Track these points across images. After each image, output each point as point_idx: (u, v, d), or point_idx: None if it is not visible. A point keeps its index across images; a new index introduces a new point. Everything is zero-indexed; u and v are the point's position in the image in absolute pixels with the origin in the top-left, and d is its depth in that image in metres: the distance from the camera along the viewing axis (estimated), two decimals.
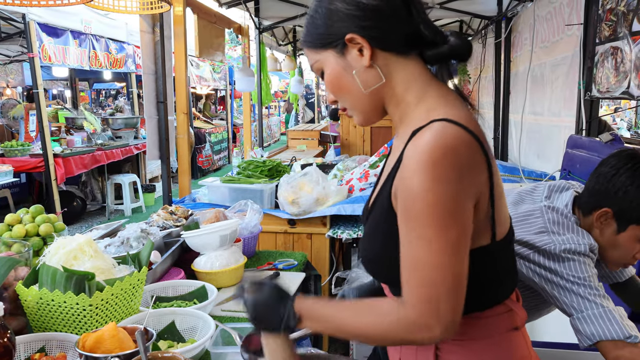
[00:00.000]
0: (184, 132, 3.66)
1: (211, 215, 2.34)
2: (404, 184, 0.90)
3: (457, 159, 0.86)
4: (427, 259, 0.87)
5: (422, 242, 0.88)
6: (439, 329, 0.88)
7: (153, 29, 3.09)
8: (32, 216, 1.88)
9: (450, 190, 0.86)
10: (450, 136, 0.87)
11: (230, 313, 1.81)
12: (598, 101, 2.72)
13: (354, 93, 1.00)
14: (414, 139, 0.90)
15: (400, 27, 0.96)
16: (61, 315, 1.41)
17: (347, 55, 0.98)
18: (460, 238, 0.88)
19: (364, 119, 1.04)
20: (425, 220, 0.87)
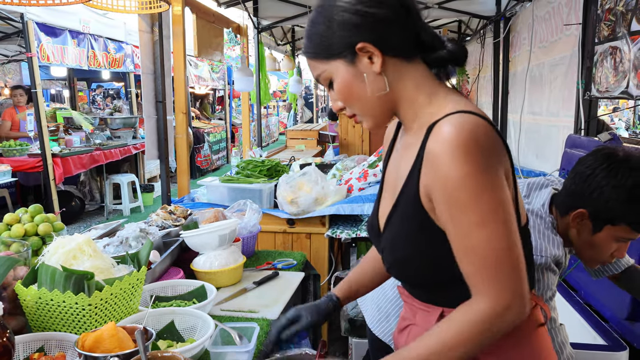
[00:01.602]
0: (182, 132, 3.65)
1: (210, 215, 2.34)
2: (439, 178, 0.91)
3: (482, 142, 0.89)
4: (486, 244, 0.90)
5: (477, 229, 0.89)
6: (518, 306, 0.90)
7: (152, 28, 3.09)
8: (31, 216, 1.88)
9: (486, 172, 0.89)
10: (469, 124, 0.90)
11: (230, 313, 1.81)
12: (597, 101, 2.72)
13: (365, 99, 1.02)
14: (433, 133, 0.93)
15: (405, 34, 1.00)
16: (60, 314, 1.40)
17: (357, 64, 1.00)
18: (508, 215, 0.91)
19: (375, 123, 1.07)
20: (474, 206, 0.89)
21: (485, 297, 0.91)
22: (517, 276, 0.91)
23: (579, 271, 2.20)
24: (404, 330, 1.21)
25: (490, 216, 0.89)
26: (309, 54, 1.06)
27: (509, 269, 0.90)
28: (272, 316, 1.78)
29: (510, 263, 0.90)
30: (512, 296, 0.90)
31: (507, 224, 0.90)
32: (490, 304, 0.91)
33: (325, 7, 1.02)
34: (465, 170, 0.88)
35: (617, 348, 1.79)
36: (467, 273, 0.93)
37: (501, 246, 0.89)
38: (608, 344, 1.82)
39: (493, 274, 0.90)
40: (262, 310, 1.82)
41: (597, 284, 2.12)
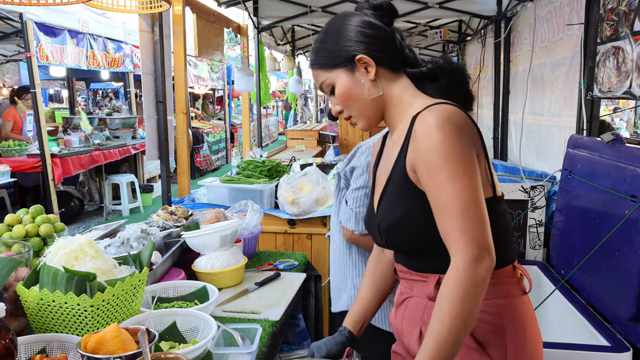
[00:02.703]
0: (183, 132, 3.64)
1: (211, 216, 2.33)
2: (419, 149, 1.10)
3: (457, 121, 1.09)
4: (456, 198, 1.05)
5: (448, 185, 1.05)
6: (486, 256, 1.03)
7: (152, 28, 3.07)
8: (32, 216, 1.86)
9: (457, 141, 1.07)
10: (447, 109, 1.12)
11: (232, 314, 1.80)
12: (599, 101, 2.72)
13: (362, 101, 1.25)
14: (417, 121, 1.13)
15: (394, 51, 1.25)
16: (62, 316, 1.39)
17: (356, 72, 1.23)
18: (476, 176, 1.07)
19: (368, 122, 1.28)
20: (445, 165, 1.06)
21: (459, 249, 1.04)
22: (482, 228, 1.05)
23: (581, 271, 2.20)
24: (402, 304, 1.30)
25: (459, 173, 1.06)
26: (316, 65, 1.28)
27: (475, 217, 1.04)
28: (274, 317, 1.77)
29: (475, 216, 1.05)
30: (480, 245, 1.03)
31: (472, 182, 1.06)
32: (465, 256, 1.03)
33: (333, 27, 1.26)
34: (439, 138, 1.07)
35: (620, 349, 1.79)
36: (444, 230, 1.08)
37: (468, 197, 1.05)
38: (611, 345, 1.81)
39: (462, 225, 1.04)
40: (264, 311, 1.82)
41: (600, 284, 2.12)
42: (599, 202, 2.19)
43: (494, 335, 1.15)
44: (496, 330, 1.15)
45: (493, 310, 1.16)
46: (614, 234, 1.93)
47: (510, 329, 1.16)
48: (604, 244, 2.00)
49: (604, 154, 2.22)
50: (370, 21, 1.23)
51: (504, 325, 1.16)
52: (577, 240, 2.36)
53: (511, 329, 1.16)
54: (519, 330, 1.17)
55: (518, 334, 1.17)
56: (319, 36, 1.30)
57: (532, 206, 2.81)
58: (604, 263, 2.06)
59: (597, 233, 2.14)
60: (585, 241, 2.25)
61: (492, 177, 1.19)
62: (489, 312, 1.15)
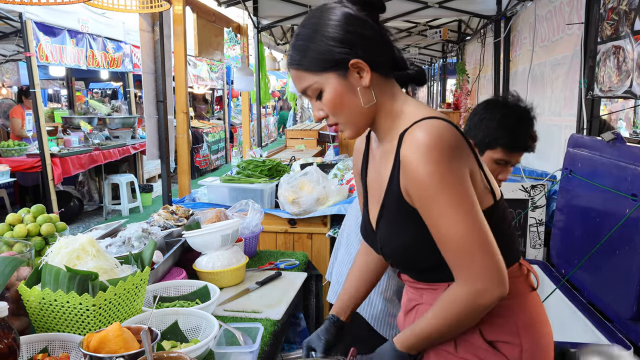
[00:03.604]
0: (183, 132, 3.64)
1: (212, 215, 2.33)
2: (411, 179, 1.05)
3: (445, 142, 1.03)
4: (454, 232, 1.02)
5: (444, 219, 1.02)
6: (493, 288, 1.02)
7: (153, 27, 3.07)
8: (33, 216, 1.86)
9: (449, 168, 1.01)
10: (434, 127, 1.05)
11: (233, 313, 1.80)
12: (599, 100, 2.72)
13: (353, 109, 1.14)
14: (404, 141, 1.07)
15: (388, 54, 1.15)
16: (64, 315, 1.39)
17: (349, 77, 1.12)
18: (472, 204, 1.03)
19: (356, 131, 1.19)
20: (438, 199, 1.01)
21: (462, 281, 1.05)
22: (487, 258, 1.02)
23: (582, 270, 2.20)
24: (412, 310, 1.29)
25: (455, 204, 1.01)
26: (299, 66, 1.14)
27: (480, 252, 1.02)
28: (275, 316, 1.77)
29: (478, 246, 1.02)
30: (485, 279, 1.02)
31: (469, 212, 1.02)
32: (467, 287, 1.04)
33: (319, 24, 1.11)
34: (429, 169, 1.01)
35: None
36: (446, 260, 1.07)
37: (466, 229, 1.01)
38: (612, 344, 1.81)
39: (463, 258, 1.03)
40: (265, 310, 1.81)
41: (601, 283, 2.12)
42: (599, 201, 2.19)
43: (509, 335, 1.15)
44: (511, 330, 1.15)
45: (506, 312, 1.15)
46: (614, 232, 1.94)
47: (524, 328, 1.16)
48: (605, 242, 2.01)
49: (605, 153, 2.22)
50: (359, 17, 1.11)
51: (518, 325, 1.15)
52: (578, 239, 2.36)
53: (525, 328, 1.16)
54: (533, 328, 1.17)
55: (532, 332, 1.17)
56: (302, 31, 1.15)
57: (532, 205, 2.81)
58: (604, 262, 2.06)
59: (597, 232, 2.14)
60: (586, 240, 2.26)
61: (490, 182, 1.15)
62: (502, 314, 1.14)
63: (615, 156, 2.12)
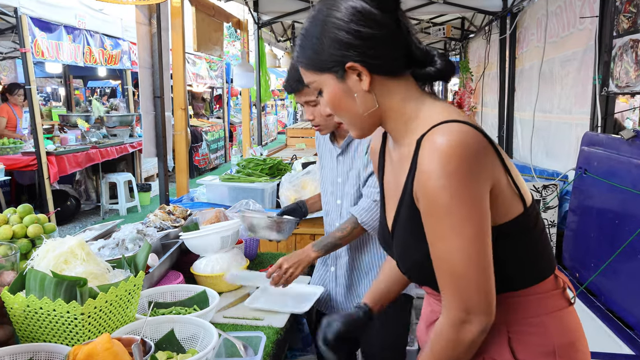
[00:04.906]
0: (182, 129, 3.54)
1: (211, 216, 2.23)
2: (422, 187, 0.96)
3: (466, 151, 0.91)
4: (450, 257, 0.94)
5: (444, 241, 0.94)
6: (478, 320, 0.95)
7: (150, 20, 2.96)
8: (19, 216, 1.75)
9: (465, 184, 0.91)
10: (456, 132, 0.93)
11: (233, 320, 1.70)
12: (614, 97, 2.62)
13: (353, 113, 1.07)
14: (423, 145, 0.96)
15: (395, 52, 1.02)
16: (50, 324, 1.30)
17: (347, 80, 1.03)
18: (479, 230, 0.93)
19: (362, 133, 1.11)
20: (445, 218, 0.93)
21: (447, 306, 0.98)
22: (477, 289, 0.94)
23: (600, 275, 2.10)
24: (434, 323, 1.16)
25: (455, 231, 0.92)
26: (301, 63, 1.09)
27: (470, 279, 0.94)
28: (278, 324, 1.67)
29: (471, 276, 0.93)
30: (470, 307, 0.95)
31: (473, 240, 0.93)
32: (454, 318, 0.97)
33: (320, 20, 1.03)
34: (441, 183, 0.91)
35: None
36: (438, 279, 0.99)
37: (465, 257, 0.93)
38: (636, 353, 1.71)
39: (453, 284, 0.96)
40: (267, 317, 1.72)
41: (621, 288, 2.02)
42: (618, 201, 2.09)
43: (544, 356, 1.04)
44: (547, 350, 1.04)
45: (541, 329, 1.05)
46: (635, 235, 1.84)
47: (560, 348, 1.05)
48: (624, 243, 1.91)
49: (623, 151, 2.12)
50: (366, 13, 0.99)
51: (554, 344, 1.04)
52: (594, 241, 2.26)
53: (562, 347, 1.05)
54: (570, 347, 1.06)
55: (569, 352, 1.06)
56: (305, 26, 1.08)
57: (544, 206, 2.71)
58: (624, 266, 1.96)
59: (616, 234, 2.05)
60: (603, 243, 2.16)
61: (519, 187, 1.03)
62: (537, 331, 1.05)
63: (635, 154, 2.02)
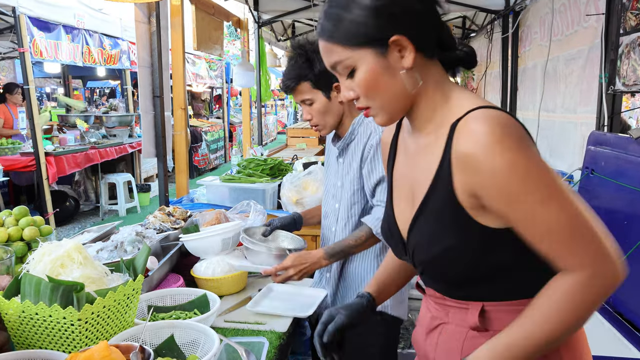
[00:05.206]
0: (181, 129, 3.49)
1: (212, 217, 2.18)
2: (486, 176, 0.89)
3: (513, 131, 0.89)
4: (557, 217, 0.87)
5: (541, 207, 0.87)
6: (617, 269, 0.87)
7: (149, 19, 2.92)
8: (15, 218, 1.71)
9: (528, 154, 0.87)
10: (494, 117, 0.90)
11: (235, 324, 1.66)
12: (621, 95, 2.58)
13: (391, 93, 0.98)
14: (460, 132, 0.92)
15: (434, 32, 0.98)
16: (46, 330, 1.25)
17: (388, 56, 0.95)
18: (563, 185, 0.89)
19: (390, 118, 1.03)
20: (530, 188, 0.87)
21: (579, 268, 0.87)
22: (599, 239, 0.88)
23: None
24: (435, 330, 1.13)
25: (549, 191, 0.87)
26: (331, 37, 0.98)
27: (589, 234, 0.87)
28: (281, 328, 1.63)
29: (587, 228, 0.87)
30: (610, 262, 0.87)
31: (565, 193, 0.88)
32: (591, 273, 0.87)
33: None
34: (508, 158, 0.86)
35: None
36: (551, 255, 0.90)
37: (572, 214, 0.87)
38: None
39: (576, 244, 0.87)
40: (269, 321, 1.67)
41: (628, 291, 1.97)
42: (626, 201, 2.05)
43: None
44: None
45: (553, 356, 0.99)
46: None
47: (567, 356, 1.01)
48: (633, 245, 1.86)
49: (632, 151, 2.08)
50: None
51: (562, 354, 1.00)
52: None
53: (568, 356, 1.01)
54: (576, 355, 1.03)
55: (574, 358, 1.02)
56: None
57: None
58: (633, 268, 1.91)
59: (625, 235, 2.01)
60: None
61: None
62: None
63: None
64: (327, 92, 1.76)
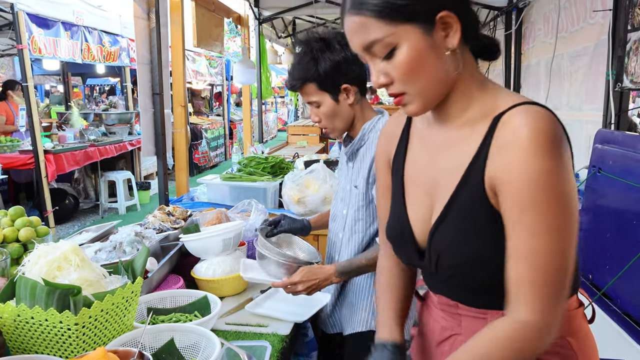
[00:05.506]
0: (181, 127, 3.45)
1: (212, 217, 2.14)
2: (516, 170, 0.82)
3: (561, 139, 0.82)
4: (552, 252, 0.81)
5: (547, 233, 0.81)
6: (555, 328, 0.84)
7: (148, 15, 2.88)
8: (11, 219, 1.67)
9: (566, 172, 0.81)
10: (546, 117, 0.83)
11: (236, 327, 1.62)
12: (628, 93, 2.54)
13: (433, 77, 0.89)
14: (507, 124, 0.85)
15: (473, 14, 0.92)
16: (42, 335, 1.22)
17: (434, 34, 0.86)
18: (576, 225, 0.83)
19: (424, 106, 0.93)
20: (552, 207, 0.81)
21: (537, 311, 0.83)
22: (565, 294, 0.84)
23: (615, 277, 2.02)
24: (445, 341, 1.05)
25: (564, 225, 0.81)
26: (369, 11, 0.86)
27: (564, 285, 0.83)
28: (284, 331, 1.59)
29: (566, 279, 0.83)
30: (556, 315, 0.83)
31: (574, 236, 0.83)
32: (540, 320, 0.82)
33: None
34: (546, 167, 0.80)
35: None
36: (517, 278, 0.84)
37: (565, 259, 0.82)
38: None
39: (549, 286, 0.82)
40: (272, 323, 1.64)
41: (636, 291, 1.94)
42: (635, 200, 2.01)
43: None
44: None
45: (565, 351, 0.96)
46: None
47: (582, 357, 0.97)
48: None
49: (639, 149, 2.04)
50: None
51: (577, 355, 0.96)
52: (609, 242, 2.18)
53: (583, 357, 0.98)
54: None
55: None
56: None
57: None
58: None
59: (633, 234, 1.96)
60: (619, 244, 2.08)
61: None
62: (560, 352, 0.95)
63: None
64: (334, 94, 1.65)
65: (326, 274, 1.63)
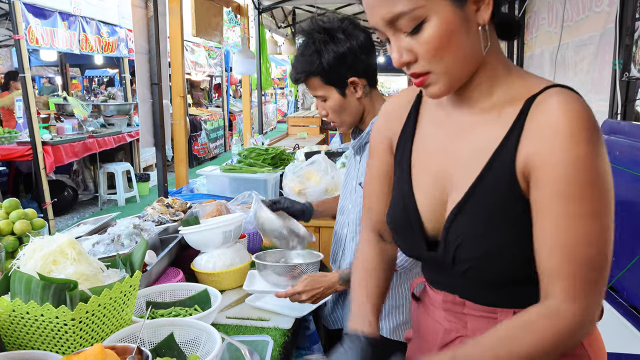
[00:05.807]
0: (180, 118, 3.41)
1: (212, 209, 2.11)
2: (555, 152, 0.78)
3: (596, 122, 0.80)
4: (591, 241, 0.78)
5: (584, 221, 0.77)
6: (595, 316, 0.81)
7: (146, 3, 2.83)
8: (6, 211, 1.63)
9: (607, 163, 0.79)
10: (582, 101, 0.80)
11: (237, 321, 1.59)
12: (635, 82, 2.49)
13: (462, 53, 0.83)
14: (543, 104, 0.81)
15: None
16: (38, 330, 1.18)
17: (466, 8, 0.81)
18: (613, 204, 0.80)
19: (449, 87, 0.86)
20: (590, 193, 0.77)
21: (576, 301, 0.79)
22: (606, 280, 0.80)
23: (621, 270, 1.99)
24: (451, 344, 0.98)
25: (603, 210, 0.78)
26: None
27: (605, 273, 0.79)
28: (285, 325, 1.56)
29: (607, 267, 0.80)
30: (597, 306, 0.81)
31: (612, 220, 0.79)
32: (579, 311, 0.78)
33: None
34: (590, 150, 0.77)
35: None
36: (551, 271, 0.80)
37: (605, 246, 0.78)
38: None
39: (591, 276, 0.78)
40: (273, 317, 1.61)
41: None
42: None
43: None
44: None
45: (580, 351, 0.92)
46: None
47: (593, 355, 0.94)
48: None
49: None
50: None
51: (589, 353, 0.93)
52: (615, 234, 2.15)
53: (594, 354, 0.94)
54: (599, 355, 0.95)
55: None
56: None
57: None
58: None
59: None
60: (628, 237, 2.04)
61: None
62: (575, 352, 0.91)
63: None
64: (341, 89, 1.57)
65: (330, 282, 1.59)
